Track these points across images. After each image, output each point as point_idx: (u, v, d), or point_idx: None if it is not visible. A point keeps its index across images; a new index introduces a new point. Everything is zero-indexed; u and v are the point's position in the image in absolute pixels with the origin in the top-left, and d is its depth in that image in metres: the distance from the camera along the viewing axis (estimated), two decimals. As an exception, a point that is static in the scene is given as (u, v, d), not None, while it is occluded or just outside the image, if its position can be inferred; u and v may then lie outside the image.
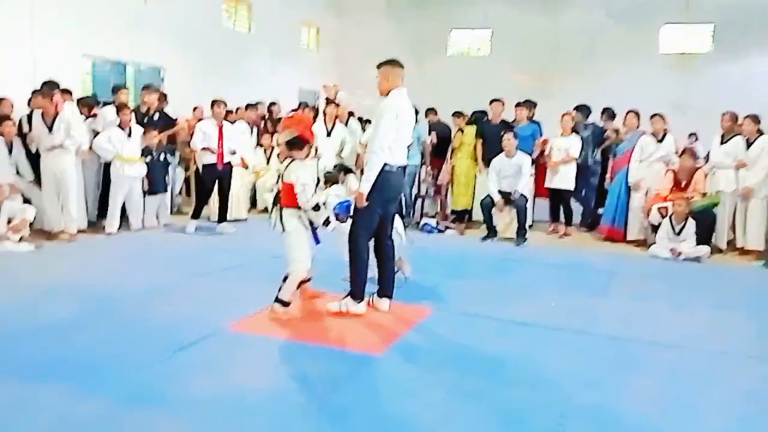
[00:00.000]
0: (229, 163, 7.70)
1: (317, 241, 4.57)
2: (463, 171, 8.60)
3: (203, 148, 7.54)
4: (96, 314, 4.46)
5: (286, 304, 4.41)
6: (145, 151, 7.59)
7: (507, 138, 7.66)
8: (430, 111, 9.63)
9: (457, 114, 9.16)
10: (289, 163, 4.43)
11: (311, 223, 4.48)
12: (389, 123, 4.43)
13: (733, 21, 13.62)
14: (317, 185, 4.51)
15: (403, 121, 4.55)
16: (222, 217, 7.79)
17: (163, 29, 10.93)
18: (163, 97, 8.85)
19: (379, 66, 4.77)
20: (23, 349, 3.77)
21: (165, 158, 7.89)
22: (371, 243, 4.67)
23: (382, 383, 3.49)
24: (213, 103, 7.74)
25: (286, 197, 4.39)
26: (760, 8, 13.39)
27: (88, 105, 7.94)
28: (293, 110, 10.96)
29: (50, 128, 6.81)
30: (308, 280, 4.74)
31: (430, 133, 9.18)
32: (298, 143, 4.38)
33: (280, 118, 9.67)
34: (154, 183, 7.74)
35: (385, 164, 4.41)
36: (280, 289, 4.43)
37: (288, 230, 4.39)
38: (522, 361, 3.83)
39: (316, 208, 4.39)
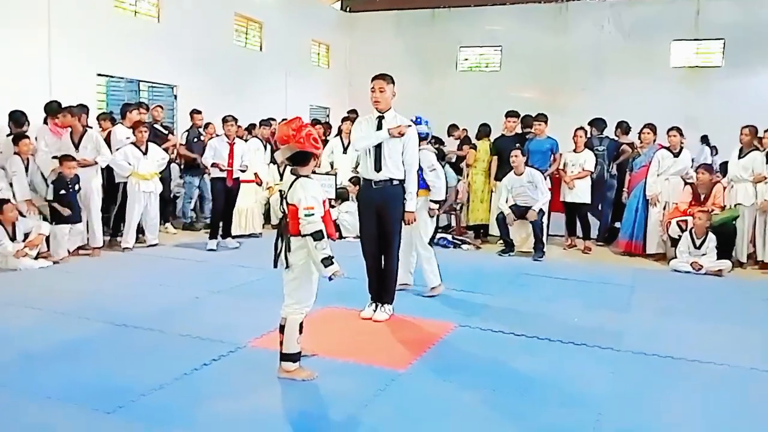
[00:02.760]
0: (238, 179, 7.71)
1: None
2: (479, 186, 8.55)
3: (213, 164, 7.57)
4: (114, 333, 4.42)
5: (295, 358, 3.60)
6: (60, 182, 6.84)
7: (514, 155, 7.62)
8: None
9: (454, 127, 9.17)
10: (294, 180, 3.57)
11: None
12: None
13: (742, 37, 13.62)
14: (331, 203, 4.38)
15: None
16: (226, 231, 7.78)
17: (176, 48, 11.01)
18: (159, 110, 9.10)
19: (382, 78, 4.77)
20: (41, 369, 3.74)
21: (79, 188, 7.07)
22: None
23: (408, 400, 3.42)
24: (224, 120, 7.79)
25: (293, 222, 3.52)
26: (768, 24, 13.41)
27: (110, 119, 8.04)
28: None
29: (77, 146, 7.02)
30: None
31: None
32: (302, 158, 3.56)
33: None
34: (74, 213, 6.91)
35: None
36: (281, 343, 3.63)
37: (293, 265, 3.54)
38: (551, 378, 3.76)
39: (327, 261, 3.44)
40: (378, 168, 4.73)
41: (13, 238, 6.32)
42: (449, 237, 8.40)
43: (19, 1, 8.31)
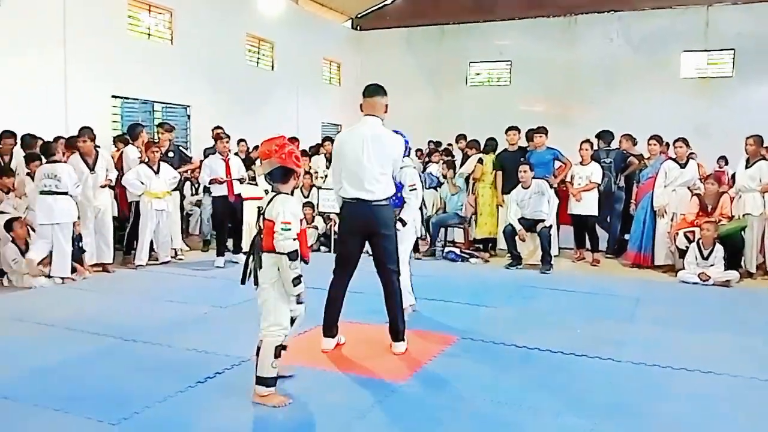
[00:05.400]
0: (240, 195, 7.84)
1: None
2: (487, 200, 8.61)
3: (211, 180, 7.72)
4: (122, 347, 4.53)
5: (270, 382, 3.46)
6: None
7: (522, 170, 7.69)
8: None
9: (462, 137, 9.25)
10: (273, 197, 3.54)
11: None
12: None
13: (753, 47, 13.59)
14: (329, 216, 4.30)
15: (344, 155, 4.41)
16: (237, 248, 7.91)
17: (189, 69, 11.26)
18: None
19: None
20: (53, 381, 3.85)
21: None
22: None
23: (406, 412, 3.47)
24: (218, 137, 8.00)
25: (267, 238, 3.46)
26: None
27: (123, 141, 8.24)
28: (317, 144, 11.14)
29: (92, 168, 7.20)
30: (284, 347, 3.65)
31: None
32: (283, 174, 3.54)
33: (303, 151, 9.80)
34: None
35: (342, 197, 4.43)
36: (256, 366, 3.51)
37: (263, 284, 3.48)
38: (548, 388, 3.80)
39: (296, 280, 3.42)
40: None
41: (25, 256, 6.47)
42: (457, 251, 8.45)
43: (35, 25, 8.59)
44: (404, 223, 5.08)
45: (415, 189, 5.20)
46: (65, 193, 6.55)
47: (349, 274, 4.48)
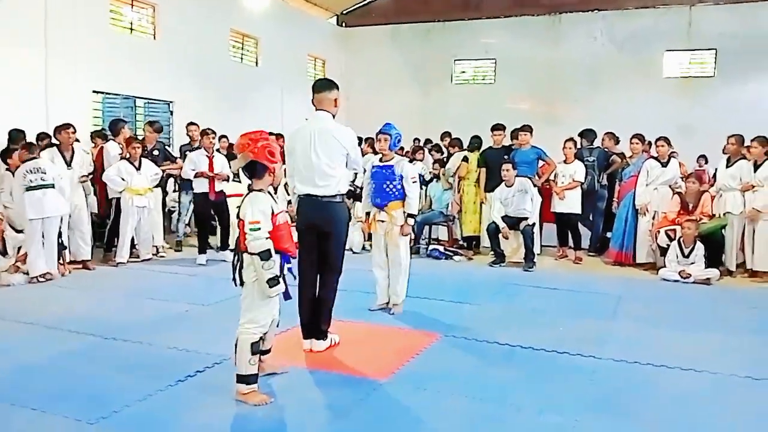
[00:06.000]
0: (222, 192, 7.78)
1: (287, 296, 3.63)
2: (471, 198, 8.62)
3: (196, 174, 7.64)
4: (102, 345, 4.49)
5: (249, 380, 3.43)
6: None
7: (505, 169, 7.71)
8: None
9: (447, 135, 9.27)
10: (245, 195, 3.50)
11: (281, 272, 3.49)
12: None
13: (734, 47, 13.71)
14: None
15: (294, 152, 4.38)
16: (224, 244, 7.86)
17: (172, 64, 11.15)
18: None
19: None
20: (32, 381, 3.81)
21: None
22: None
23: (388, 409, 3.47)
24: (203, 132, 7.93)
25: (242, 238, 3.42)
26: (760, 34, 13.50)
27: (101, 137, 8.13)
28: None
29: (69, 164, 7.15)
30: (267, 351, 3.75)
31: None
32: (257, 170, 3.46)
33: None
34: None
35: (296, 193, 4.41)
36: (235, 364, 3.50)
37: (246, 282, 3.45)
38: (530, 385, 3.81)
39: (272, 281, 3.36)
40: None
41: (4, 253, 6.38)
42: (441, 248, 8.46)
43: (15, 19, 8.45)
44: (414, 218, 5.31)
45: (416, 182, 5.30)
46: (52, 186, 6.49)
47: (314, 271, 4.42)
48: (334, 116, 4.45)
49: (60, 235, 6.86)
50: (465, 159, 8.75)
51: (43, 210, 6.42)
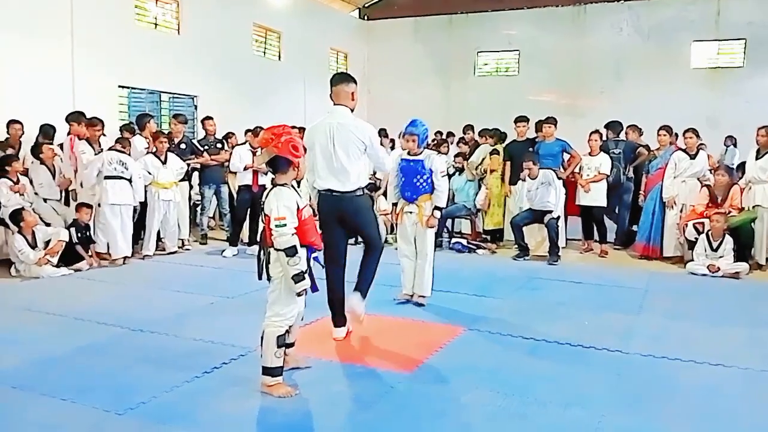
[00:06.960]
0: (264, 186, 7.83)
1: (314, 288, 3.59)
2: (495, 191, 8.56)
3: (245, 168, 7.84)
4: (129, 337, 4.54)
5: (274, 372, 3.46)
6: (77, 227, 7.01)
7: (527, 166, 7.65)
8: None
9: (469, 128, 9.25)
10: (270, 190, 3.48)
11: (308, 265, 3.51)
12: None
13: (764, 37, 13.41)
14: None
15: (313, 147, 4.36)
16: (253, 238, 7.92)
17: (196, 59, 11.23)
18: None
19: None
20: (61, 371, 3.87)
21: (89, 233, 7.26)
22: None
23: (412, 402, 3.46)
24: (246, 131, 8.19)
25: (267, 233, 3.42)
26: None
27: (129, 131, 8.25)
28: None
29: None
30: (291, 344, 3.75)
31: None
32: (280, 164, 3.44)
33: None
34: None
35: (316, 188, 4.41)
36: (261, 356, 3.51)
37: (273, 277, 3.45)
38: (554, 380, 3.77)
39: (297, 277, 3.34)
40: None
41: (33, 246, 6.50)
42: (464, 242, 8.42)
43: (42, 15, 8.58)
44: (441, 211, 5.34)
45: (445, 175, 5.35)
46: (129, 180, 7.13)
47: (339, 264, 4.46)
48: (352, 110, 4.45)
49: (87, 228, 7.00)
50: (495, 152, 8.68)
51: (123, 197, 7.08)
